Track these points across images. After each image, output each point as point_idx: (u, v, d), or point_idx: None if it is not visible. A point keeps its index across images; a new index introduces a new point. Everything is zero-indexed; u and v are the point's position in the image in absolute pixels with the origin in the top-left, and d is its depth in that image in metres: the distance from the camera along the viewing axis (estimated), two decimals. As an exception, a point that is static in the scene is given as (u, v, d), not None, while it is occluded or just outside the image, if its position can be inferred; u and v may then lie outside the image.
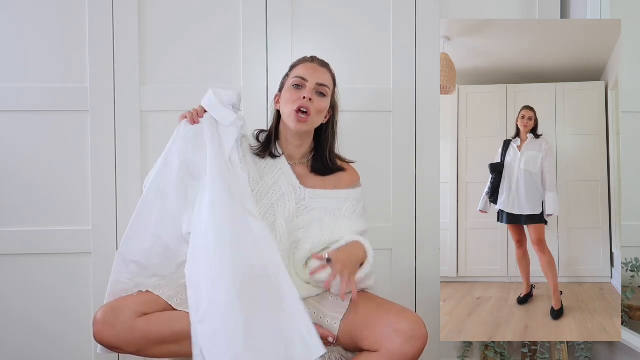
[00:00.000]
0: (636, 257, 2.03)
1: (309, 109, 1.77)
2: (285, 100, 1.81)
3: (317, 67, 1.83)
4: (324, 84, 1.81)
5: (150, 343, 1.63)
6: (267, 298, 1.64)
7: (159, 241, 1.77)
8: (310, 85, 1.79)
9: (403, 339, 1.60)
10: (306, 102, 1.77)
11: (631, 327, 2.01)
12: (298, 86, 1.80)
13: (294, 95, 1.79)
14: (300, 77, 1.80)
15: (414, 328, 1.61)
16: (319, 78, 1.81)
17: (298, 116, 1.77)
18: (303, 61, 1.86)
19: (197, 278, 1.65)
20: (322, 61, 1.87)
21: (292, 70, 1.86)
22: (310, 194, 1.85)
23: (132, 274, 1.75)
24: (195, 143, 1.79)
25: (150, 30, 2.22)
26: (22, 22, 2.18)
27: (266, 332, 1.60)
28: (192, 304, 1.63)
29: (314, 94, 1.79)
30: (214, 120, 1.81)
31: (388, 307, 1.70)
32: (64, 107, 2.19)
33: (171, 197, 1.78)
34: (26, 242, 2.19)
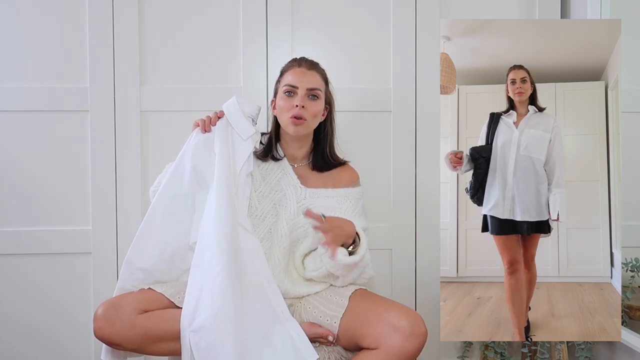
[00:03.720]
0: (636, 257, 2.02)
1: (303, 116, 1.80)
2: (279, 108, 1.84)
3: (306, 72, 1.84)
4: (315, 88, 1.83)
5: (150, 340, 1.63)
6: (260, 310, 1.67)
7: (166, 248, 1.79)
8: (301, 92, 1.81)
9: (403, 336, 1.60)
10: (300, 111, 1.80)
11: (631, 327, 2.01)
12: (290, 93, 1.82)
13: (286, 103, 1.82)
14: (290, 85, 1.82)
15: (414, 325, 1.62)
16: (308, 83, 1.82)
17: (294, 121, 1.80)
18: (291, 66, 1.86)
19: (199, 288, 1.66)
20: (310, 62, 1.87)
21: (283, 76, 1.87)
22: (310, 193, 1.87)
23: (137, 281, 1.78)
24: (206, 152, 1.81)
25: (150, 30, 2.22)
26: (22, 22, 2.18)
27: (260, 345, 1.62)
28: (187, 313, 1.64)
29: (306, 99, 1.82)
30: (227, 131, 1.82)
31: (387, 305, 1.70)
32: (64, 107, 2.19)
33: (180, 205, 1.80)
34: (26, 242, 2.19)
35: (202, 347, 1.60)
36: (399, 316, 1.63)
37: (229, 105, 1.85)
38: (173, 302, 1.70)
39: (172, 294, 1.71)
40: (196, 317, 1.63)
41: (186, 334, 1.62)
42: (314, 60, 1.89)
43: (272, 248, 1.83)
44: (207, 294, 1.64)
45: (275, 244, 1.83)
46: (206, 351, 1.60)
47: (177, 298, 1.71)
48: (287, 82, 1.83)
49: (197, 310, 1.63)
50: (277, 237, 1.83)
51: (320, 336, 1.73)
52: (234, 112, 1.84)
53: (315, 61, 1.89)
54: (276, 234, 1.84)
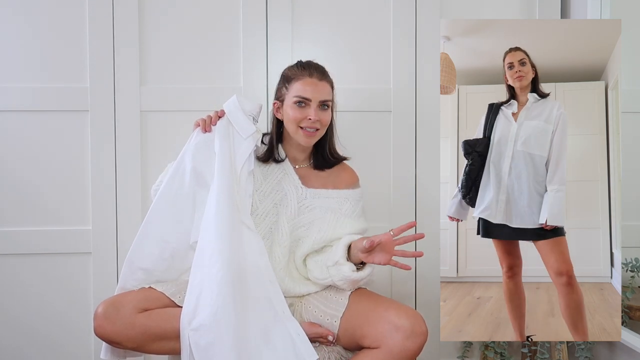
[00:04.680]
0: (636, 257, 2.02)
1: (316, 127, 1.80)
2: (289, 117, 1.81)
3: (317, 83, 1.81)
4: (327, 99, 1.82)
5: (150, 339, 1.63)
6: (261, 309, 1.68)
7: (167, 247, 1.80)
8: (314, 104, 1.80)
9: (403, 335, 1.61)
10: (314, 124, 1.79)
11: (631, 327, 2.01)
12: (301, 104, 1.80)
13: (298, 114, 1.80)
14: (302, 97, 1.79)
15: (414, 324, 1.62)
16: (321, 95, 1.81)
17: (308, 133, 1.80)
18: (301, 75, 1.81)
19: (199, 287, 1.67)
20: (321, 72, 1.84)
21: (291, 83, 1.82)
22: (311, 193, 1.87)
23: (138, 281, 1.78)
24: (206, 152, 1.81)
25: (150, 30, 2.22)
26: (21, 22, 2.18)
27: (260, 344, 1.62)
28: (187, 312, 1.64)
29: (318, 110, 1.80)
30: (228, 130, 1.82)
31: (387, 304, 1.70)
32: (64, 107, 2.19)
33: (181, 205, 1.81)
34: (26, 242, 2.19)
35: (202, 345, 1.60)
36: (399, 315, 1.64)
37: (229, 104, 1.86)
38: (174, 301, 1.70)
39: (172, 293, 1.72)
40: (196, 316, 1.63)
41: (186, 332, 1.62)
42: (322, 67, 1.85)
43: (273, 247, 1.83)
44: (207, 293, 1.64)
45: (276, 242, 1.84)
46: (205, 350, 1.60)
47: (178, 297, 1.71)
48: (299, 94, 1.80)
49: (197, 308, 1.63)
50: (277, 236, 1.84)
51: (320, 336, 1.73)
52: (235, 111, 1.84)
53: (323, 67, 1.85)
54: (277, 233, 1.84)
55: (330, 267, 1.76)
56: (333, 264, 1.75)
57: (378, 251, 1.70)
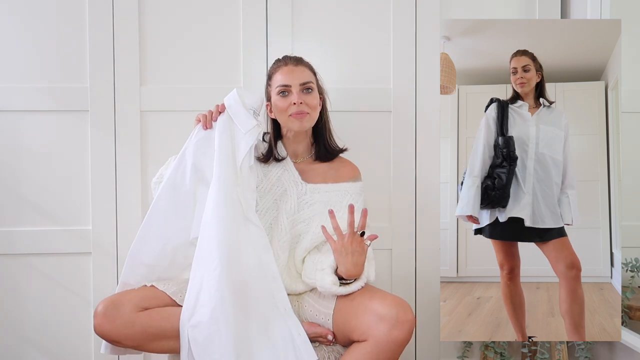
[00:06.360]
0: (636, 257, 2.02)
1: (304, 111, 1.81)
2: (277, 110, 1.85)
3: (294, 68, 1.85)
4: (307, 81, 1.84)
5: (150, 338, 1.63)
6: (262, 306, 1.68)
7: (168, 243, 1.80)
8: (295, 89, 1.82)
9: (388, 325, 1.57)
10: (299, 107, 1.81)
11: (631, 327, 2.01)
12: (284, 93, 1.83)
13: (284, 103, 1.83)
14: (283, 85, 1.83)
15: (399, 312, 1.58)
16: (300, 78, 1.83)
17: (297, 116, 1.81)
18: (278, 67, 1.87)
19: (199, 283, 1.67)
20: (295, 58, 1.89)
21: (272, 78, 1.88)
22: (311, 188, 1.88)
23: (140, 276, 1.79)
24: (207, 149, 1.82)
25: (150, 30, 2.22)
26: (21, 22, 2.18)
27: (259, 340, 1.62)
28: (187, 308, 1.65)
29: (302, 94, 1.82)
30: (228, 125, 1.82)
31: (371, 294, 1.68)
32: (64, 107, 2.19)
33: (182, 201, 1.82)
34: (26, 242, 2.19)
35: (200, 341, 1.60)
36: (383, 304, 1.60)
37: (229, 98, 1.85)
38: (175, 301, 1.70)
39: (174, 292, 1.72)
40: (195, 312, 1.63)
41: (185, 328, 1.62)
42: (297, 56, 1.90)
43: (273, 242, 1.84)
44: (206, 289, 1.64)
45: (276, 238, 1.84)
46: (204, 345, 1.59)
47: (179, 296, 1.71)
48: (279, 83, 1.84)
49: (197, 305, 1.64)
50: (277, 232, 1.84)
51: (320, 335, 1.73)
52: (235, 105, 1.84)
53: (298, 56, 1.90)
54: (277, 229, 1.84)
55: (318, 270, 1.74)
56: (321, 269, 1.73)
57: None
